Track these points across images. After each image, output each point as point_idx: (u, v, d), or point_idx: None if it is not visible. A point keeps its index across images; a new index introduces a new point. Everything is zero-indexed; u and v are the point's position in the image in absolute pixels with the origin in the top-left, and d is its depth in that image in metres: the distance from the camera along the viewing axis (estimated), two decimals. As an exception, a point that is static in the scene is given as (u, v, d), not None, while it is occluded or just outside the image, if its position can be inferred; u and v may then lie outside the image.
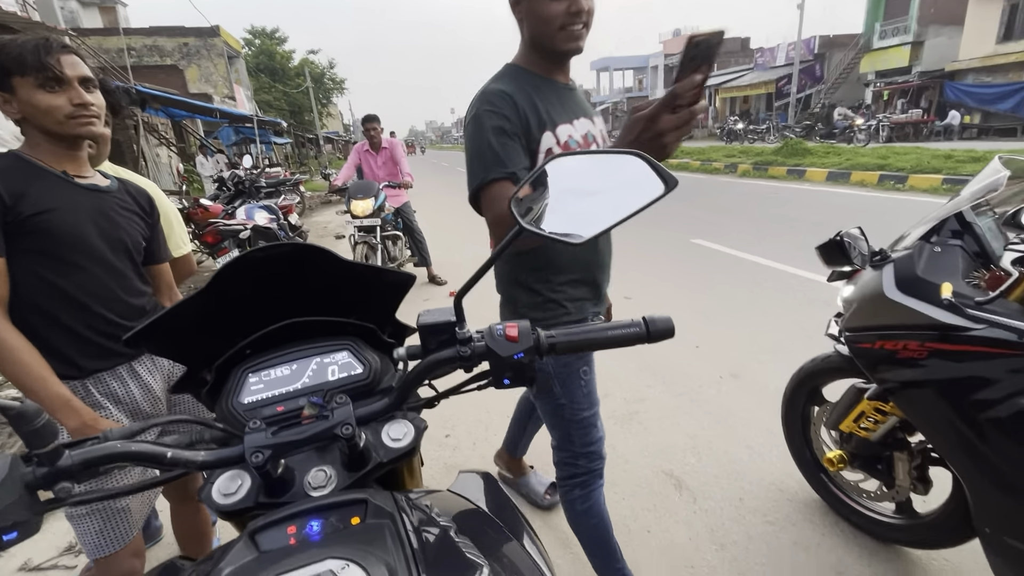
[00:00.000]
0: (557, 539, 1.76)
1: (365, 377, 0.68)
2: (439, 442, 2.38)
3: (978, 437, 1.08)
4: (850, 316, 1.36)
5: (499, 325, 0.64)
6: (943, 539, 1.43)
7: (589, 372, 1.29)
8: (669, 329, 0.66)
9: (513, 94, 1.09)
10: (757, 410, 2.37)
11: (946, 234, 1.24)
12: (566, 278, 1.22)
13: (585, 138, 1.19)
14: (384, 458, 0.60)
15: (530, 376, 0.65)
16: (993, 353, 1.03)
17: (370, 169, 4.73)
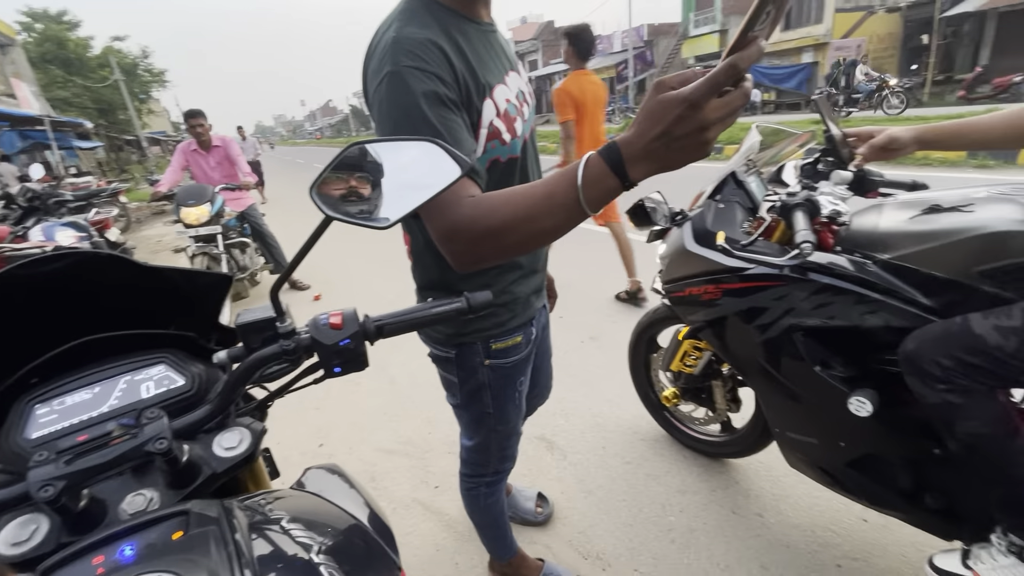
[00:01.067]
0: (441, 522, 1.79)
1: (188, 389, 0.64)
2: (312, 454, 2.27)
3: (761, 356, 1.32)
4: (665, 270, 1.56)
5: (323, 315, 0.63)
6: (755, 445, 1.72)
7: (525, 382, 1.17)
8: (487, 302, 0.69)
9: (443, 45, 0.78)
10: (614, 367, 2.61)
11: (727, 192, 1.47)
12: (515, 275, 1.04)
13: (519, 98, 0.93)
14: (218, 469, 0.57)
15: (361, 361, 0.65)
16: (763, 286, 1.26)
17: (202, 171, 4.19)
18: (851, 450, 1.25)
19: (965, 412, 0.97)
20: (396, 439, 2.30)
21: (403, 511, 1.86)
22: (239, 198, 4.31)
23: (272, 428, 0.66)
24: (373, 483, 2.02)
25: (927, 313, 1.07)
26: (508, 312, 1.05)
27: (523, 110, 0.95)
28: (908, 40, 18.63)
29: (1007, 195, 1.04)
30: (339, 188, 0.69)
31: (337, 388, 2.77)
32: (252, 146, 10.25)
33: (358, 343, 0.61)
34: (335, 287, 4.64)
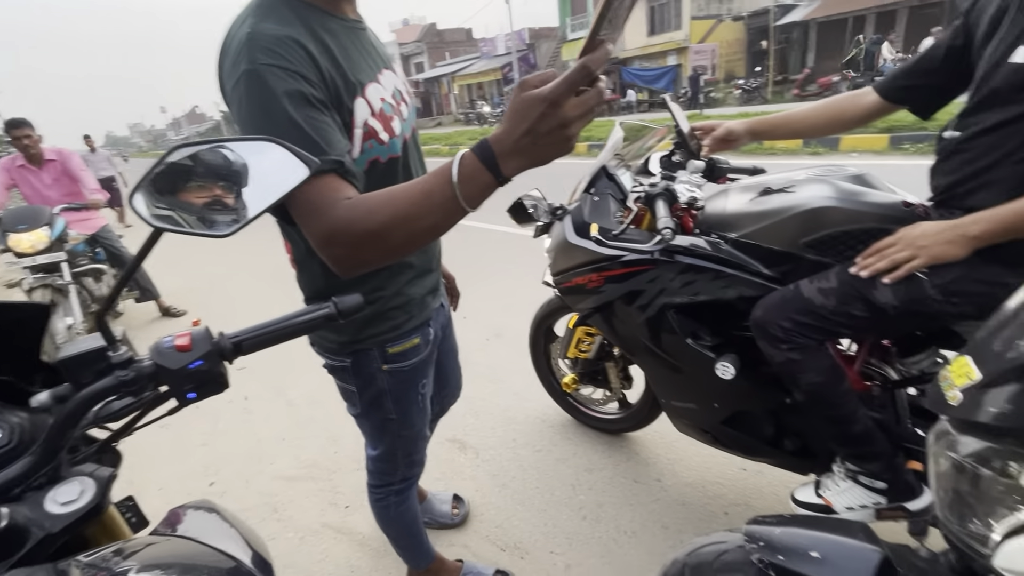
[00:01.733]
0: (354, 542, 1.72)
1: (6, 443, 0.55)
2: (203, 494, 2.06)
3: (642, 335, 1.44)
4: (552, 263, 1.63)
5: (167, 338, 0.57)
6: (648, 418, 1.87)
7: (427, 384, 1.16)
8: (358, 305, 0.67)
9: (305, 42, 0.74)
10: (519, 360, 2.66)
11: (601, 185, 1.57)
12: (407, 276, 1.02)
13: (395, 97, 0.91)
14: (53, 528, 0.50)
15: (220, 382, 0.60)
16: (638, 271, 1.37)
17: (34, 191, 3.57)
18: (723, 410, 1.41)
19: (804, 366, 1.14)
20: (298, 464, 2.16)
21: (312, 538, 1.76)
22: (87, 219, 3.73)
23: (150, 473, 0.59)
24: (275, 514, 1.89)
25: (771, 282, 1.23)
26: (404, 314, 1.03)
27: (401, 109, 0.93)
28: (751, 45, 21.19)
29: (820, 176, 1.23)
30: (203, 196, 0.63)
31: (226, 418, 2.54)
32: (104, 159, 8.69)
33: (212, 363, 0.57)
34: (215, 310, 4.24)
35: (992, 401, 0.51)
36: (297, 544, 1.75)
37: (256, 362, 3.17)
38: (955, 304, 0.99)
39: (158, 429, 0.68)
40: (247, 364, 3.47)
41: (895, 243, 1.02)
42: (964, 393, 0.55)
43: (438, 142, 15.87)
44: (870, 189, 1.18)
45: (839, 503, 1.25)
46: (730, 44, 21.49)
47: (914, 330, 1.20)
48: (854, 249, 1.11)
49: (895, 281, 1.02)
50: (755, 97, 16.55)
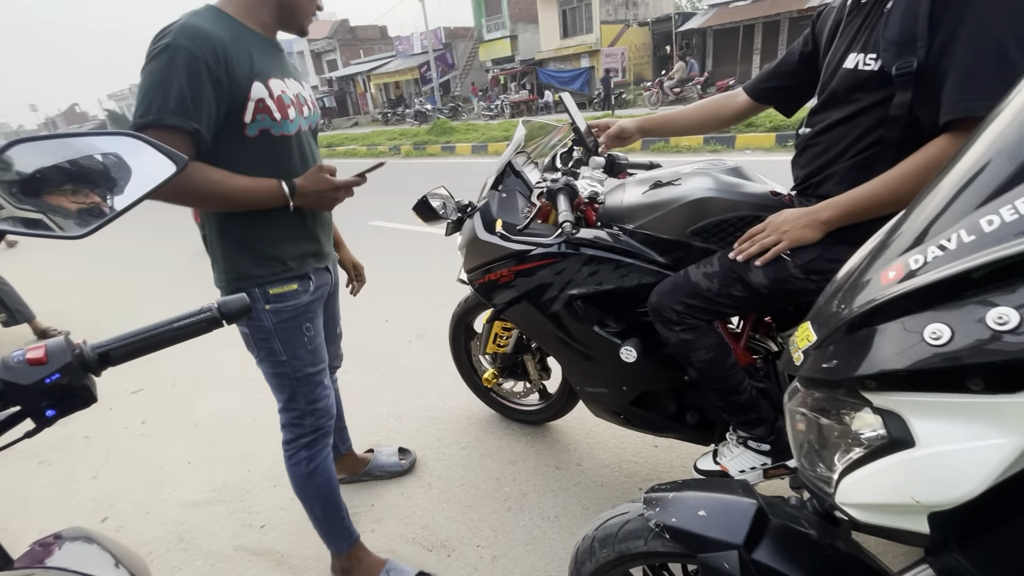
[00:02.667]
0: (271, 562, 1.64)
1: None
2: (94, 531, 1.86)
3: (553, 326, 1.49)
4: (465, 260, 1.65)
5: (17, 352, 0.52)
6: (567, 406, 1.94)
7: (312, 328, 1.30)
8: (244, 307, 0.65)
9: (215, 36, 1.03)
10: (443, 361, 2.65)
11: (508, 183, 1.61)
12: (285, 236, 1.23)
13: (297, 99, 1.19)
14: None
15: (83, 396, 0.55)
16: (545, 264, 1.42)
17: None
18: (631, 392, 1.49)
19: (695, 345, 1.24)
20: (207, 487, 2.01)
21: (224, 564, 1.65)
22: None
23: (29, 514, 0.53)
24: (181, 544, 1.75)
25: (664, 269, 1.32)
26: (280, 264, 1.23)
27: (302, 110, 1.21)
28: (657, 49, 22.49)
29: (703, 170, 1.34)
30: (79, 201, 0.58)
31: (121, 446, 2.32)
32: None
33: (73, 376, 0.53)
34: (104, 325, 3.83)
35: (824, 357, 0.59)
36: (207, 572, 1.63)
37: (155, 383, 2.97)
38: (814, 281, 1.13)
39: (35, 466, 0.62)
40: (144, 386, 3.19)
41: (763, 229, 1.14)
42: (805, 354, 0.63)
43: (355, 142, 15.36)
44: (745, 180, 1.31)
45: (733, 467, 1.37)
46: (638, 48, 22.66)
47: (787, 306, 1.34)
48: (732, 236, 1.22)
49: (765, 263, 1.13)
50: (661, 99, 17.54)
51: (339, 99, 35.28)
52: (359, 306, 3.50)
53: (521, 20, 25.11)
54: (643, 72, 22.48)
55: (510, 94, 22.55)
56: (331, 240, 1.41)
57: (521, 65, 24.85)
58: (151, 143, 0.57)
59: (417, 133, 14.23)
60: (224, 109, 1.06)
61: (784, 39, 18.18)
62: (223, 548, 1.72)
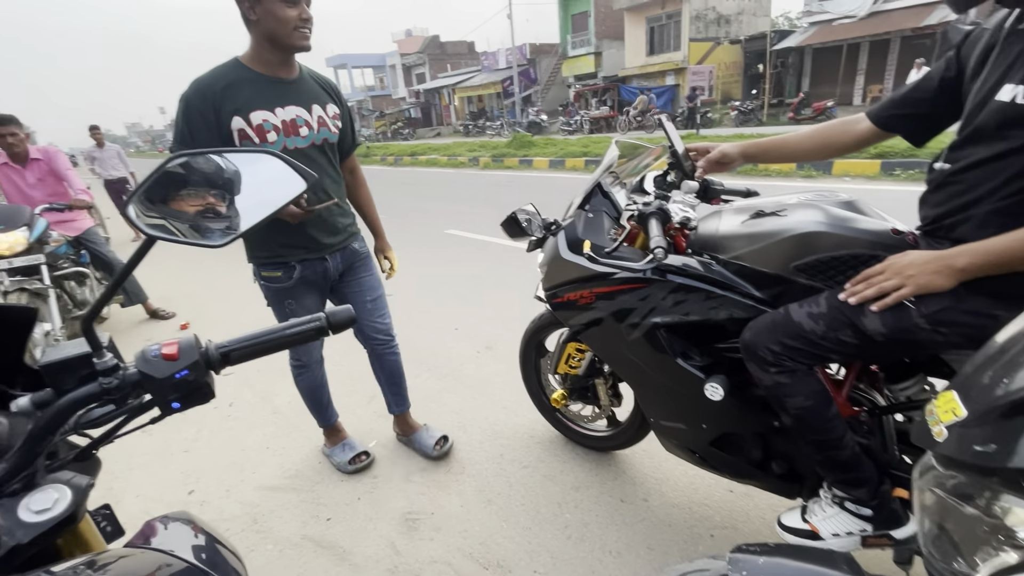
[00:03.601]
0: (335, 556, 1.69)
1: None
2: (182, 503, 2.02)
3: (632, 353, 1.43)
4: (544, 278, 1.63)
5: (154, 346, 0.57)
6: (637, 436, 1.86)
7: (295, 303, 1.73)
8: (350, 318, 0.67)
9: (212, 85, 1.44)
10: (509, 374, 2.65)
11: (595, 203, 1.58)
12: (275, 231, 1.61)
13: (293, 122, 1.54)
14: (24, 538, 0.47)
15: (204, 393, 0.59)
16: (629, 288, 1.37)
17: (17, 190, 3.47)
18: (711, 431, 1.40)
19: (792, 390, 1.14)
20: (282, 474, 2.12)
21: (291, 551, 1.72)
22: (72, 220, 3.65)
23: (129, 479, 0.58)
24: (255, 525, 1.85)
25: (760, 305, 1.23)
26: (268, 252, 1.66)
27: (299, 130, 1.56)
28: (748, 68, 21.57)
29: (811, 201, 1.24)
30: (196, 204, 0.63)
31: (211, 425, 2.50)
32: (115, 156, 7.01)
33: (199, 374, 0.56)
34: (205, 313, 4.20)
35: (977, 439, 0.50)
36: (276, 556, 1.71)
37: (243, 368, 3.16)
38: (942, 334, 1.00)
39: (139, 434, 0.67)
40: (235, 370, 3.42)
41: (883, 271, 1.03)
42: (949, 430, 0.54)
43: (436, 152, 15.95)
44: (860, 215, 1.19)
45: (825, 529, 1.24)
46: (727, 66, 21.86)
47: (902, 357, 1.20)
48: (844, 274, 1.12)
49: (883, 309, 1.02)
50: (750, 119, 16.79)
51: (424, 110, 36.92)
52: (431, 311, 3.60)
53: (606, 37, 25.09)
54: (731, 91, 21.64)
55: (590, 110, 22.50)
56: (340, 236, 1.75)
57: (603, 81, 24.77)
58: (286, 160, 0.61)
59: (496, 145, 14.55)
60: (217, 140, 1.45)
61: (894, 59, 16.81)
62: (291, 535, 1.80)
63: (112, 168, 6.93)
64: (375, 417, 2.44)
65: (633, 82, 23.35)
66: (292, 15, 1.41)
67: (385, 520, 1.82)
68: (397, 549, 1.70)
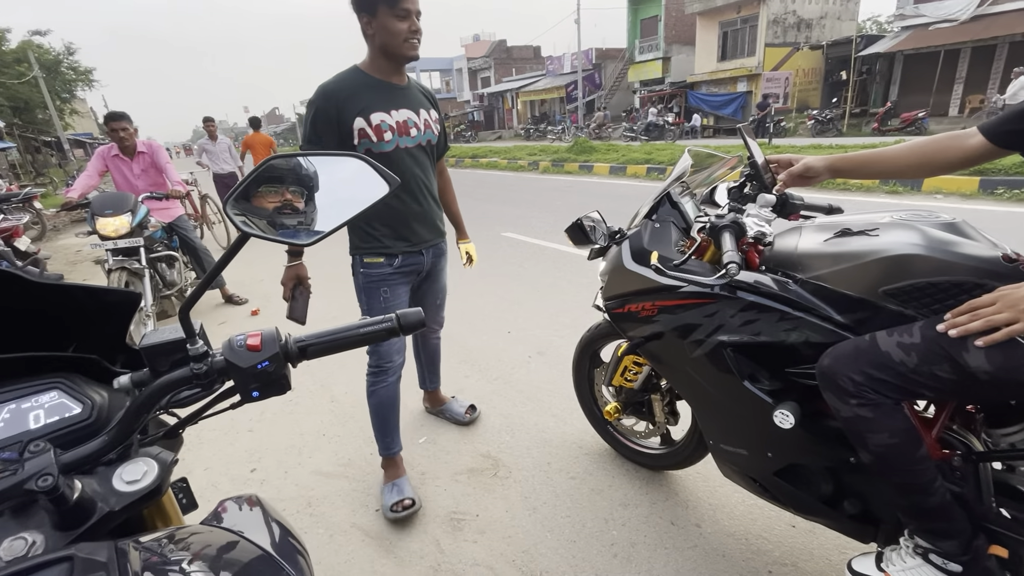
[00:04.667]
0: (381, 547, 1.72)
1: (85, 418, 0.57)
2: (244, 479, 2.13)
3: (694, 371, 1.37)
4: (605, 287, 1.59)
5: (240, 336, 0.60)
6: (692, 457, 1.78)
7: (389, 292, 1.78)
8: (419, 321, 0.68)
9: (336, 90, 1.58)
10: (559, 381, 2.63)
11: (663, 213, 1.53)
12: (382, 222, 1.73)
13: (405, 123, 1.66)
14: (116, 506, 0.51)
15: (281, 385, 0.61)
16: (695, 303, 1.31)
17: (124, 179, 3.87)
18: (777, 460, 1.31)
19: (874, 425, 1.04)
20: (336, 461, 2.20)
21: (341, 537, 1.78)
22: (166, 208, 4.02)
23: (199, 452, 0.62)
24: (309, 508, 1.92)
25: (841, 330, 1.14)
26: (376, 241, 1.75)
27: (409, 131, 1.68)
28: (829, 75, 20.34)
29: (907, 221, 1.14)
30: (272, 200, 0.66)
31: (273, 408, 2.63)
32: (226, 149, 7.07)
33: (278, 366, 0.59)
34: (274, 301, 4.44)
35: None
36: (327, 541, 1.77)
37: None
38: None
39: None
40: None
41: (993, 302, 0.92)
42: None
43: (497, 155, 16.12)
44: (965, 239, 1.08)
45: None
46: (806, 73, 20.71)
47: (1008, 399, 1.08)
48: (943, 303, 1.01)
49: (990, 344, 0.91)
50: (828, 129, 15.84)
51: (487, 113, 37.47)
52: (484, 312, 3.62)
53: (676, 42, 24.45)
54: (809, 99, 20.48)
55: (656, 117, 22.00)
56: (435, 233, 1.86)
57: (670, 87, 24.15)
58: (372, 164, 0.62)
59: (557, 150, 14.52)
60: (338, 139, 1.59)
61: (1000, 67, 15.29)
62: (342, 522, 1.85)
63: (223, 162, 7.07)
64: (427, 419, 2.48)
65: (702, 88, 22.62)
66: (403, 28, 1.52)
67: (431, 517, 1.85)
68: (441, 547, 1.71)
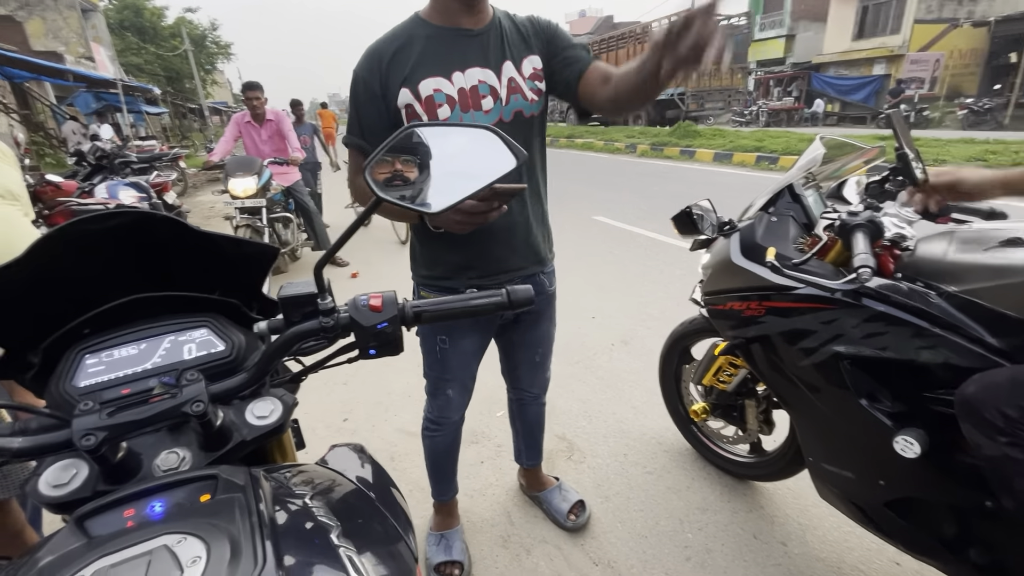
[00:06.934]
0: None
1: (227, 355, 0.65)
2: (336, 428, 2.32)
3: (801, 381, 1.26)
4: (707, 281, 1.50)
5: (363, 296, 0.64)
6: (784, 471, 1.65)
7: (448, 343, 1.35)
8: (529, 298, 0.69)
9: (382, 50, 1.11)
10: (642, 373, 2.56)
11: (781, 205, 1.40)
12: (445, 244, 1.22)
13: (475, 91, 1.11)
14: (248, 436, 0.58)
15: (397, 346, 0.65)
16: (811, 308, 1.20)
17: (253, 144, 4.30)
18: (891, 490, 1.18)
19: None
20: (417, 422, 2.28)
21: (418, 494, 1.88)
22: (286, 173, 4.41)
23: (300, 398, 0.67)
24: (392, 463, 2.05)
25: (994, 355, 0.98)
26: (428, 271, 1.29)
27: (475, 99, 1.12)
28: (993, 57, 17.37)
29: None
30: (384, 171, 0.69)
31: (367, 366, 2.80)
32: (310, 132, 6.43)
33: (395, 327, 0.62)
34: (373, 267, 4.73)
35: None
36: (406, 495, 1.87)
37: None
38: None
39: None
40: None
41: None
42: None
43: (593, 136, 15.74)
44: None
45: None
46: (962, 54, 17.85)
47: None
48: None
49: None
50: (985, 120, 13.64)
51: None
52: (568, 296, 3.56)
53: (804, 18, 22.10)
54: (963, 85, 17.67)
55: (771, 100, 20.21)
56: (528, 258, 1.30)
57: (792, 69, 21.99)
58: (501, 137, 0.63)
59: (657, 133, 13.86)
60: (388, 120, 1.12)
61: None
62: (419, 479, 1.94)
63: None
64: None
65: (830, 70, 20.37)
66: None
67: (503, 489, 1.89)
68: (512, 519, 1.75)
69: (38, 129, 11.56)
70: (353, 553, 0.48)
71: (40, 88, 13.10)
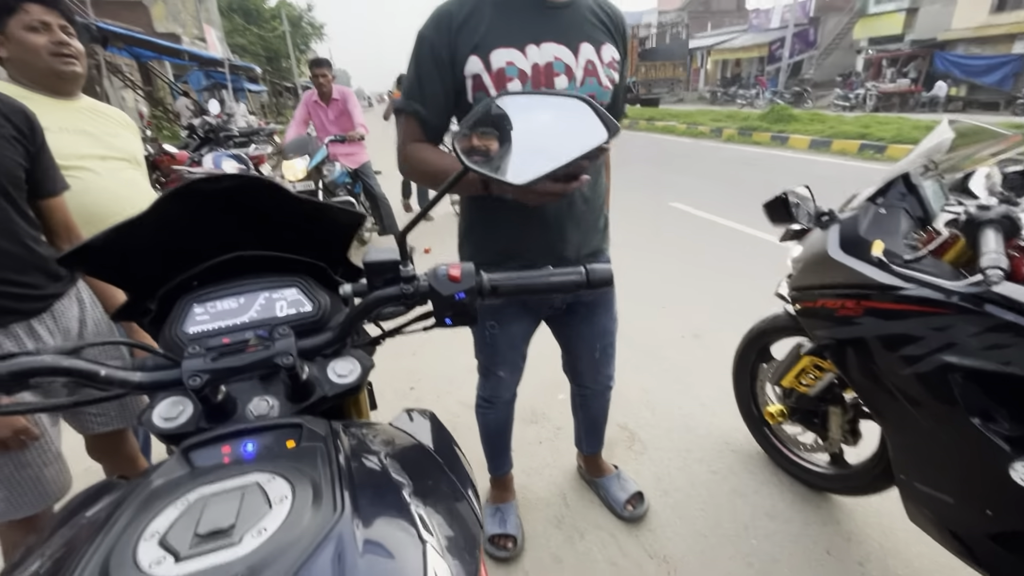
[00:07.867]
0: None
1: (314, 314, 0.69)
2: (403, 394, 2.42)
3: (900, 392, 1.14)
4: (796, 275, 1.39)
5: (443, 266, 0.65)
6: (869, 487, 1.52)
7: (497, 328, 1.33)
8: (608, 278, 0.67)
9: (453, 12, 1.02)
10: (713, 369, 2.43)
11: (893, 196, 1.25)
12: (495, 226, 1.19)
13: (549, 67, 1.04)
14: (328, 392, 0.62)
15: (472, 316, 0.66)
16: (920, 311, 1.07)
17: (321, 123, 4.15)
18: (1000, 522, 1.04)
19: None
20: (480, 397, 2.36)
21: (474, 466, 1.92)
22: (353, 153, 4.18)
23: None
24: (455, 434, 2.10)
25: None
26: (486, 255, 1.21)
27: (549, 75, 1.04)
28: None
29: None
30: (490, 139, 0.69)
31: (435, 338, 2.86)
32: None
33: (472, 298, 0.62)
34: (445, 242, 4.82)
35: None
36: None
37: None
38: None
39: None
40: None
41: None
42: None
43: (675, 119, 15.02)
44: None
45: None
46: None
47: None
48: None
49: None
50: None
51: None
52: (640, 283, 3.48)
53: (931, -11, 19.57)
54: None
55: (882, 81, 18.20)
56: (583, 245, 1.22)
57: (911, 47, 19.61)
58: (593, 108, 0.61)
59: (747, 117, 12.97)
60: (451, 88, 1.05)
61: None
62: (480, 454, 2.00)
63: None
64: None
65: (958, 49, 17.95)
66: None
67: (560, 470, 1.89)
68: (567, 502, 1.75)
69: (158, 104, 12.81)
70: (423, 511, 0.50)
71: (161, 67, 14.48)
